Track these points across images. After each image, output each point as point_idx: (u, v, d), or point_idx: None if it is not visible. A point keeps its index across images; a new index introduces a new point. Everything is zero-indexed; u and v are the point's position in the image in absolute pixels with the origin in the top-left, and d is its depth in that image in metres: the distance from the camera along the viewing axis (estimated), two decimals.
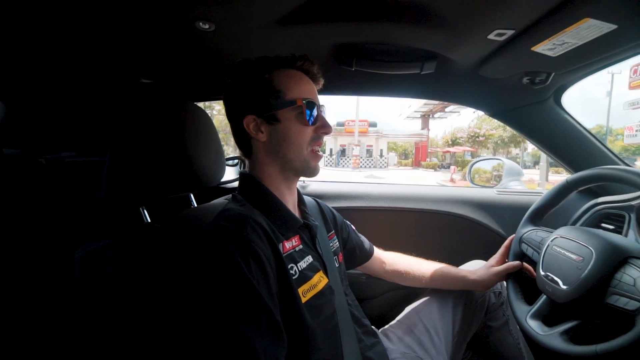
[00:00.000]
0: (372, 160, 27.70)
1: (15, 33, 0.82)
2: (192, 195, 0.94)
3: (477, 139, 26.36)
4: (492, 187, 1.47)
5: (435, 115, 26.10)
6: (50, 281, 0.85)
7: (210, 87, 1.22)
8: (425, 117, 25.97)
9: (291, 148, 0.68)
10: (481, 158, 1.71)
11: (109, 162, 0.66)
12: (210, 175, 0.78)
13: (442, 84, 1.11)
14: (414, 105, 24.38)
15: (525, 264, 0.90)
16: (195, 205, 0.94)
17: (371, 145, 28.79)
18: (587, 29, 0.64)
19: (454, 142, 27.39)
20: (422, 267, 0.99)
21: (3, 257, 0.80)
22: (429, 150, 27.84)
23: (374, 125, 29.46)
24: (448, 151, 28.09)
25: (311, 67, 0.71)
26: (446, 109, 23.93)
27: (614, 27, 0.63)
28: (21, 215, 0.97)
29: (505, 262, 0.95)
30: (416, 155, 28.85)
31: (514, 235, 0.97)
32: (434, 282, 0.97)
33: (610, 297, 0.62)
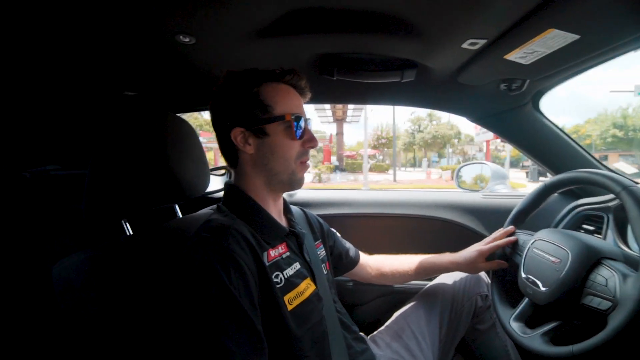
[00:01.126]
0: None
1: None
2: (177, 206, 0.94)
3: (379, 142, 28.10)
4: (477, 190, 1.50)
5: (348, 120, 26.66)
6: (28, 294, 0.84)
7: (192, 98, 1.23)
8: (340, 121, 26.20)
9: (279, 162, 0.69)
10: (467, 163, 1.74)
11: (90, 174, 0.66)
12: (194, 186, 0.78)
13: (423, 92, 1.13)
14: (310, 110, 24.87)
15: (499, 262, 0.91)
16: (181, 216, 0.93)
17: None
18: (553, 39, 0.67)
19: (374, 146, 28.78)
20: (406, 263, 1.01)
21: None
22: (345, 155, 28.49)
23: None
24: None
25: (299, 82, 0.72)
26: (347, 115, 24.22)
27: (577, 37, 0.65)
28: (4, 229, 0.96)
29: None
30: (324, 158, 29.05)
31: (512, 228, 0.93)
32: (420, 275, 0.99)
33: (585, 297, 0.64)
